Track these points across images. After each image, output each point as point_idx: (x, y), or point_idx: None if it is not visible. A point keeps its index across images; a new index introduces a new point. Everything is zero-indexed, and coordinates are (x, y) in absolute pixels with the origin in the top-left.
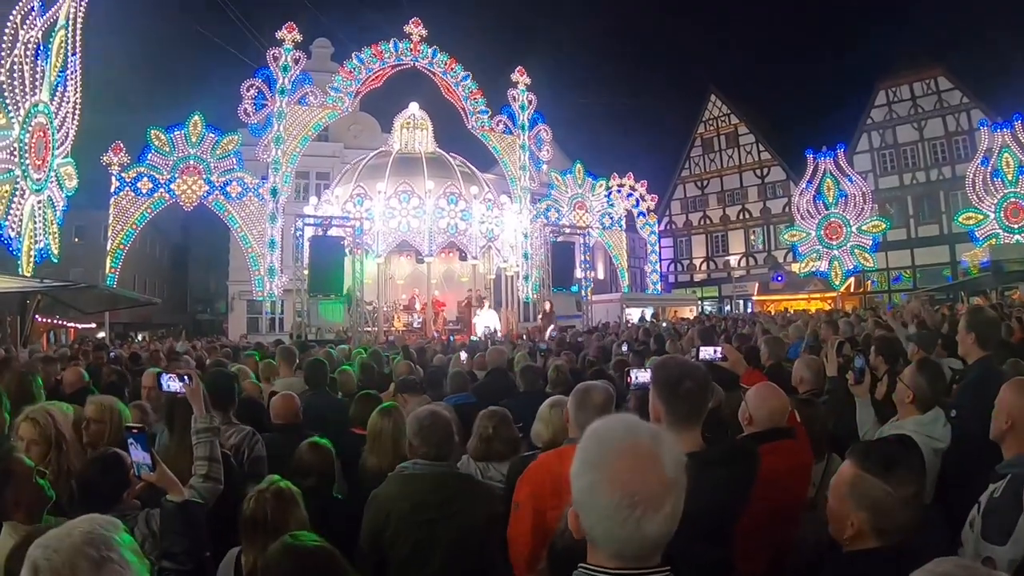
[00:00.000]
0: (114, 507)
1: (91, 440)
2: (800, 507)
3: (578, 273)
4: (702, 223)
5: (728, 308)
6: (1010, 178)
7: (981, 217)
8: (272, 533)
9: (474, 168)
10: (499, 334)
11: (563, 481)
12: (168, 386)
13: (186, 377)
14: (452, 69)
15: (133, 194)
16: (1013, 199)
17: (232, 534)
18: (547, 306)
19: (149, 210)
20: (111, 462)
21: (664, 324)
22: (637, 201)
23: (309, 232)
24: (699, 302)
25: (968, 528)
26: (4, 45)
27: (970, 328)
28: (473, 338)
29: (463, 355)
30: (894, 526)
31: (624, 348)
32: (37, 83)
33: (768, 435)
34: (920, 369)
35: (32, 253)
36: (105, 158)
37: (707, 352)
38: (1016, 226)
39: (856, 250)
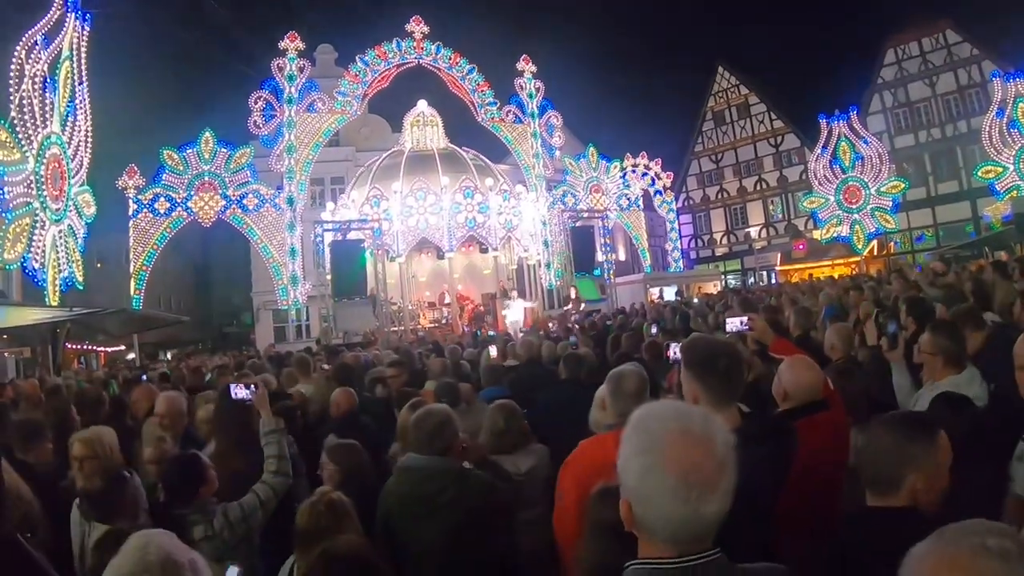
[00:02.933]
0: (193, 503)
1: (87, 479)
2: (839, 483)
3: (599, 256)
4: (719, 197)
5: (752, 280)
6: None
7: (1000, 170)
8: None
9: (487, 160)
10: (523, 325)
11: (605, 467)
12: (236, 395)
13: (253, 386)
14: (457, 63)
15: (151, 215)
16: None
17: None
18: (572, 293)
19: (168, 229)
20: (188, 463)
21: (696, 301)
22: (653, 180)
23: (328, 237)
24: (722, 276)
25: (1016, 463)
26: (11, 80)
27: None
28: (491, 333)
29: (493, 350)
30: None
31: (654, 330)
32: (47, 115)
33: (804, 410)
34: (936, 332)
35: (57, 282)
36: (121, 182)
37: (733, 323)
38: None
39: (877, 212)
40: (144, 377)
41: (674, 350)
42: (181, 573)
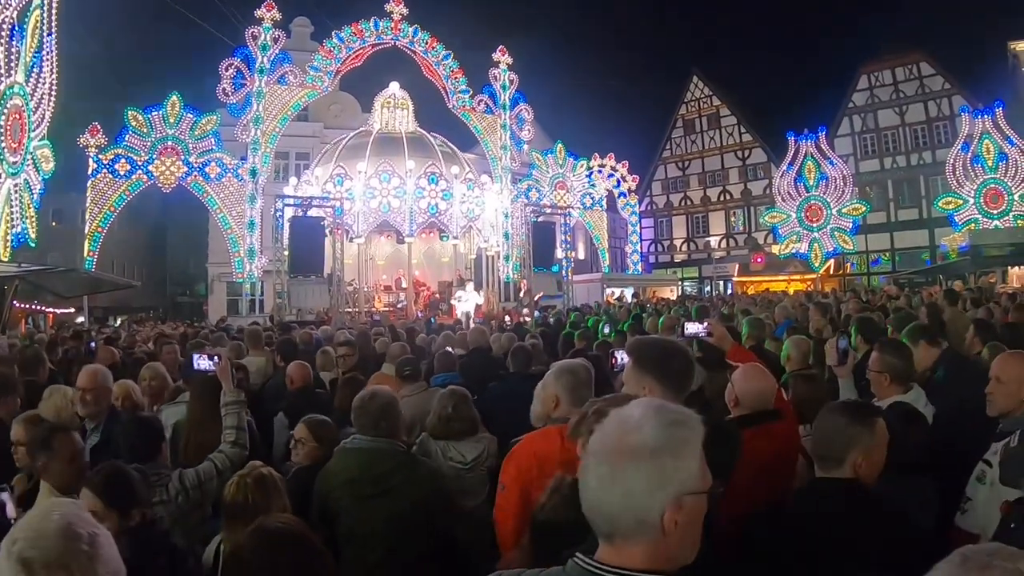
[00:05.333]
0: (150, 464)
1: None
2: (787, 493)
3: (559, 253)
4: (683, 204)
5: (708, 289)
6: (990, 164)
7: (960, 202)
8: (253, 519)
9: (455, 148)
10: (477, 315)
11: (548, 460)
12: (199, 365)
13: (216, 357)
14: (433, 48)
15: (111, 176)
16: (992, 185)
17: None
18: (523, 285)
19: (127, 192)
20: (148, 424)
21: (649, 308)
22: (618, 181)
23: (289, 213)
24: (679, 283)
25: (975, 482)
26: None
27: None
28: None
29: (450, 350)
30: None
31: (607, 329)
32: (12, 64)
33: (755, 418)
34: (883, 350)
35: (9, 238)
36: (82, 140)
37: (693, 327)
38: (995, 211)
39: (836, 232)
40: (92, 344)
41: (619, 357)
42: (78, 544)
